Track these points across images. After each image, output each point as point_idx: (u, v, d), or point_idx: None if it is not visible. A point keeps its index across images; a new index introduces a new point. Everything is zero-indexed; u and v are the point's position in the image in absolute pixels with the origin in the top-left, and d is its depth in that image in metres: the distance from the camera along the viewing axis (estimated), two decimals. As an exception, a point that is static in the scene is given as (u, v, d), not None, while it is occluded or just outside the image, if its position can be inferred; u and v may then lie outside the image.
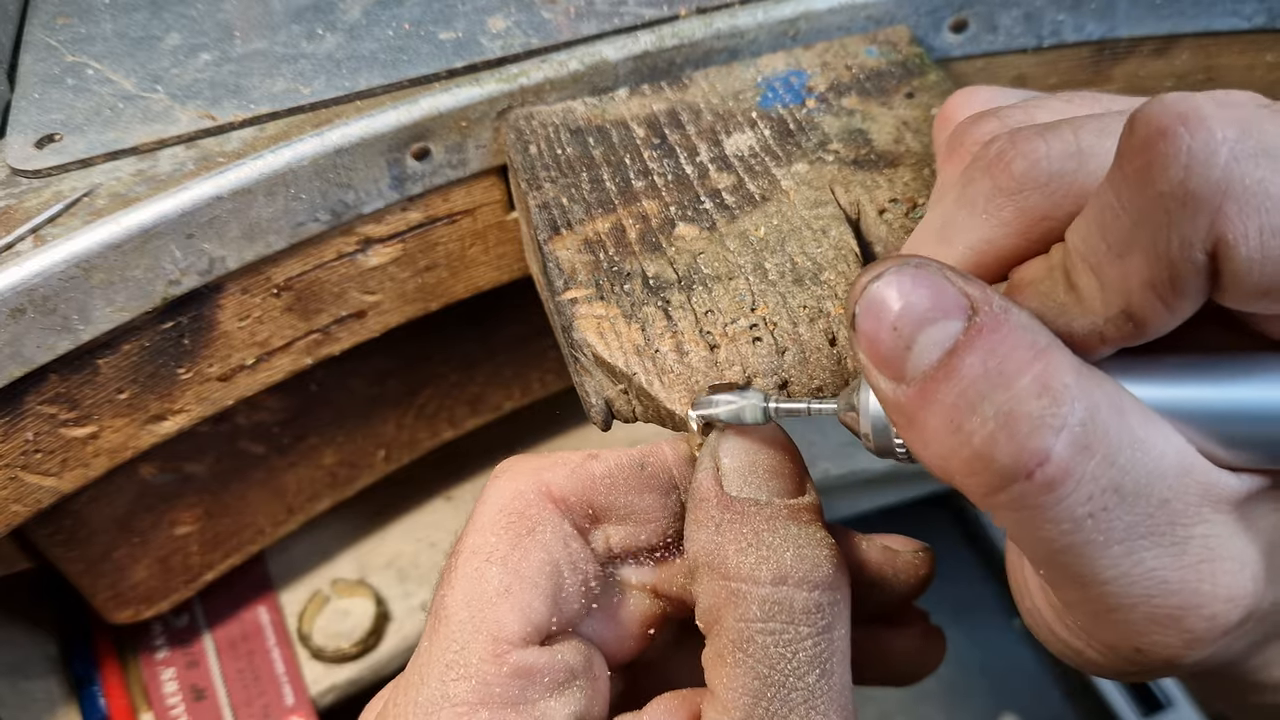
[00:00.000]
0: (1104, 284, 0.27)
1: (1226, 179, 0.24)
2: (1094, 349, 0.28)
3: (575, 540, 0.36)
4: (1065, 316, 0.28)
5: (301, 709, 0.69)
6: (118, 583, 0.64)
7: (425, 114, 0.51)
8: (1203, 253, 0.24)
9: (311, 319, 0.55)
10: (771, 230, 0.44)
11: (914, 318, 0.27)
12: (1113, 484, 0.26)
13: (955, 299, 0.27)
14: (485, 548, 0.34)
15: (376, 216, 0.53)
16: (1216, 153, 0.24)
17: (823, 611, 0.31)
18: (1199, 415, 0.28)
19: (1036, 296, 0.29)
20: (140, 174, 0.49)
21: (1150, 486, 0.27)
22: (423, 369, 0.70)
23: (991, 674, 1.02)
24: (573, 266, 0.44)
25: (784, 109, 0.51)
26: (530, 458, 0.37)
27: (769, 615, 0.31)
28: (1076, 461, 0.26)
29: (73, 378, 0.49)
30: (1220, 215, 0.24)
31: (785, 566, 0.32)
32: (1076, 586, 0.28)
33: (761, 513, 0.33)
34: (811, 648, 0.31)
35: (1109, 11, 0.57)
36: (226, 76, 0.54)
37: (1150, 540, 0.27)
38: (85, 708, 0.68)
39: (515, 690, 0.32)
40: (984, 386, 0.26)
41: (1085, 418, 0.26)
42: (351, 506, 0.73)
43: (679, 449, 0.37)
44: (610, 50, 0.53)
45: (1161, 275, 0.25)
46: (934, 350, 0.27)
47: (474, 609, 0.33)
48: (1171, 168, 0.24)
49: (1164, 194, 0.24)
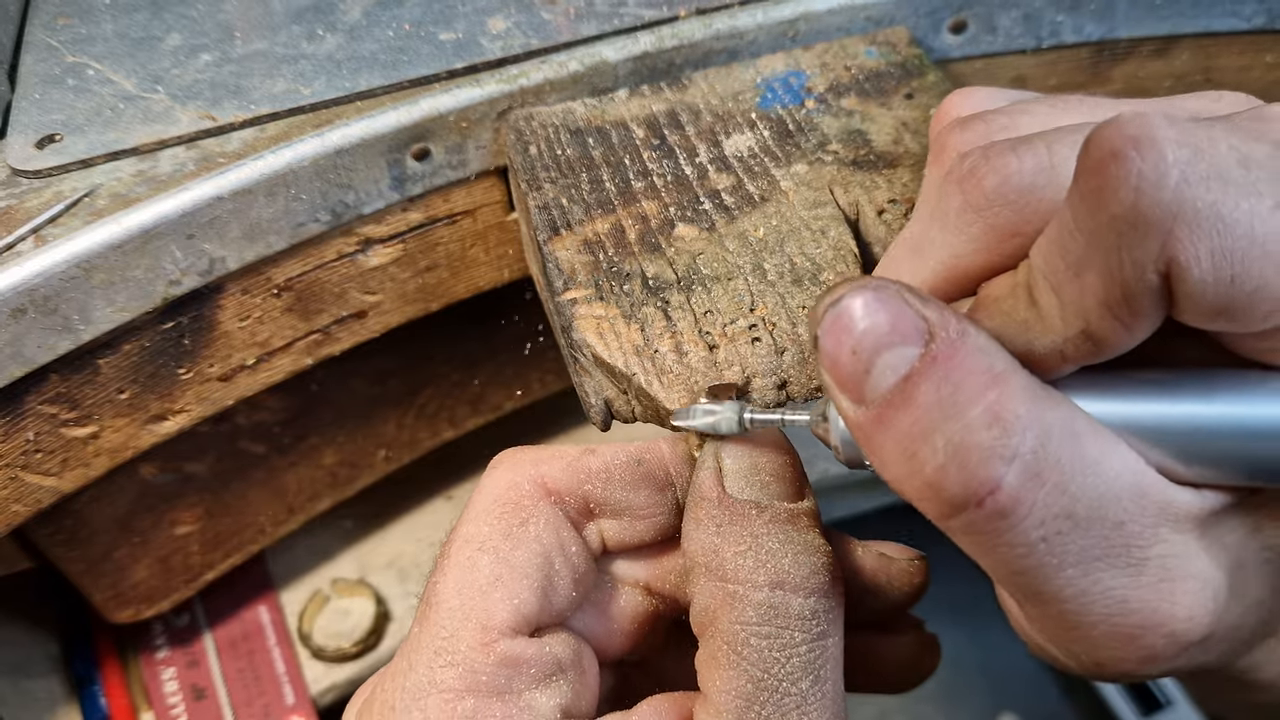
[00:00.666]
0: (1063, 303, 0.27)
1: (1177, 202, 0.24)
2: (1055, 368, 0.28)
3: (568, 532, 0.36)
4: (1027, 335, 0.28)
5: (302, 708, 0.69)
6: (118, 582, 0.64)
7: (425, 115, 0.51)
8: (1155, 274, 0.25)
9: (312, 319, 0.55)
10: (771, 231, 0.45)
11: (872, 341, 0.27)
12: (1065, 510, 0.26)
13: (913, 322, 0.27)
14: (478, 536, 0.35)
15: (377, 217, 0.53)
16: (1167, 175, 0.24)
17: (818, 618, 0.32)
18: (1157, 432, 0.28)
19: (999, 314, 0.29)
20: (141, 174, 0.49)
21: (1104, 509, 0.27)
22: (423, 369, 0.70)
23: (991, 674, 1.02)
24: (572, 267, 0.44)
25: (783, 110, 0.51)
26: (528, 449, 0.37)
27: (764, 619, 0.31)
28: (1027, 490, 0.26)
29: (73, 378, 0.49)
30: (1171, 238, 0.24)
31: (783, 571, 0.32)
32: (1036, 604, 0.29)
33: (762, 516, 0.33)
34: (805, 653, 0.31)
35: (1108, 12, 0.57)
36: (227, 77, 0.54)
37: (1106, 562, 0.27)
38: (86, 707, 0.68)
39: (502, 679, 0.32)
40: (936, 415, 0.26)
41: (1036, 446, 0.26)
42: (352, 506, 0.73)
43: (677, 448, 0.37)
44: (610, 51, 0.53)
45: (1115, 295, 0.25)
46: (890, 375, 0.27)
47: (464, 597, 0.33)
48: (1122, 190, 0.24)
49: (1115, 216, 0.25)
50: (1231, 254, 0.24)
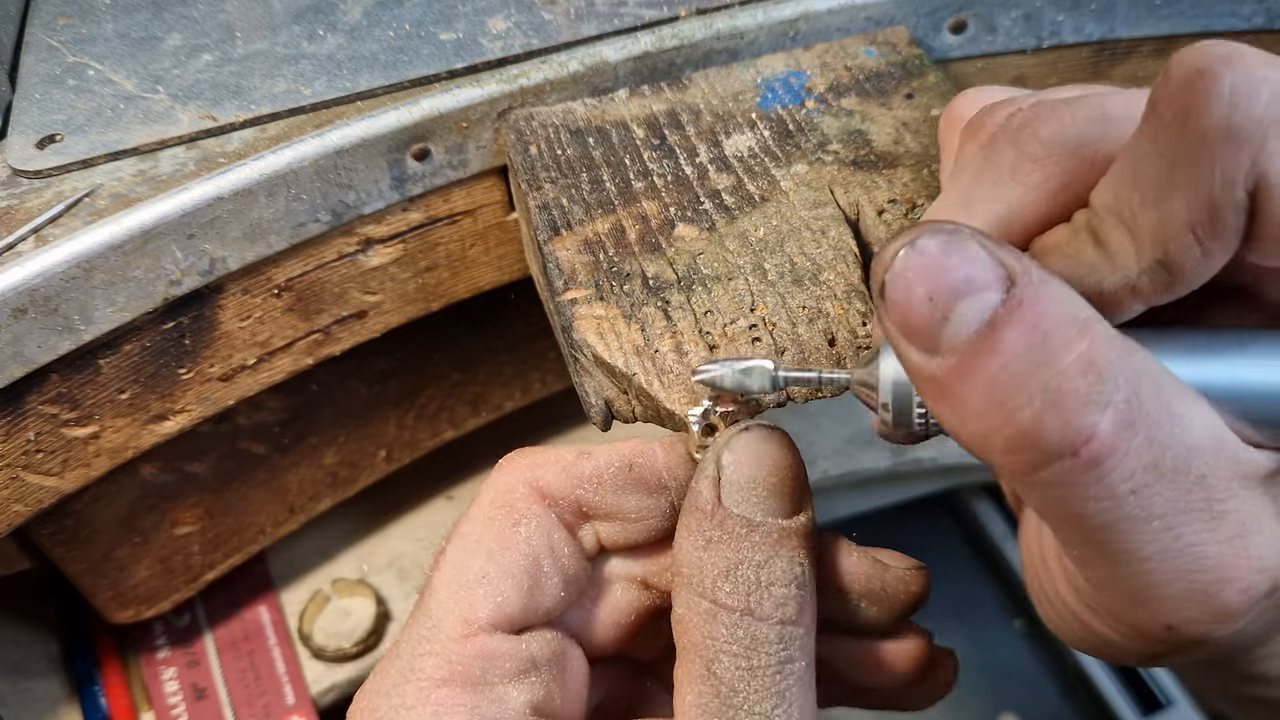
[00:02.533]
0: (1137, 235, 0.27)
1: (1271, 116, 0.24)
2: (1125, 305, 0.28)
3: (560, 535, 0.36)
4: (1095, 275, 0.28)
5: (302, 708, 0.69)
6: (119, 582, 0.64)
7: (426, 115, 0.51)
8: (1244, 190, 0.25)
9: (312, 319, 0.55)
10: (771, 231, 0.45)
11: (950, 287, 0.26)
12: (1154, 460, 0.26)
13: (992, 268, 0.26)
14: (472, 535, 0.36)
15: (377, 217, 0.53)
16: (1259, 90, 0.24)
17: (785, 643, 0.32)
18: (1229, 392, 0.28)
19: (1062, 259, 0.28)
20: (141, 174, 0.49)
21: (1189, 462, 0.26)
22: (424, 369, 0.70)
23: (991, 674, 1.02)
24: (573, 267, 0.44)
25: (783, 110, 0.51)
26: (528, 452, 0.38)
27: (734, 639, 0.31)
28: (1121, 438, 0.25)
29: (74, 378, 0.49)
30: (1264, 152, 0.24)
31: (758, 598, 0.32)
32: (1111, 564, 0.28)
33: (751, 535, 0.33)
34: (771, 675, 0.31)
35: (1108, 12, 0.57)
36: (227, 77, 0.54)
37: (1189, 515, 0.26)
38: (86, 707, 0.68)
39: (476, 671, 0.33)
40: (1028, 362, 0.25)
41: (1129, 395, 0.25)
42: (352, 506, 0.73)
43: (673, 450, 0.37)
44: (610, 51, 0.53)
45: (1201, 216, 0.25)
46: (972, 322, 0.26)
47: (452, 589, 0.34)
48: (1215, 104, 0.24)
49: (1207, 130, 0.24)
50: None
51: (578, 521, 0.37)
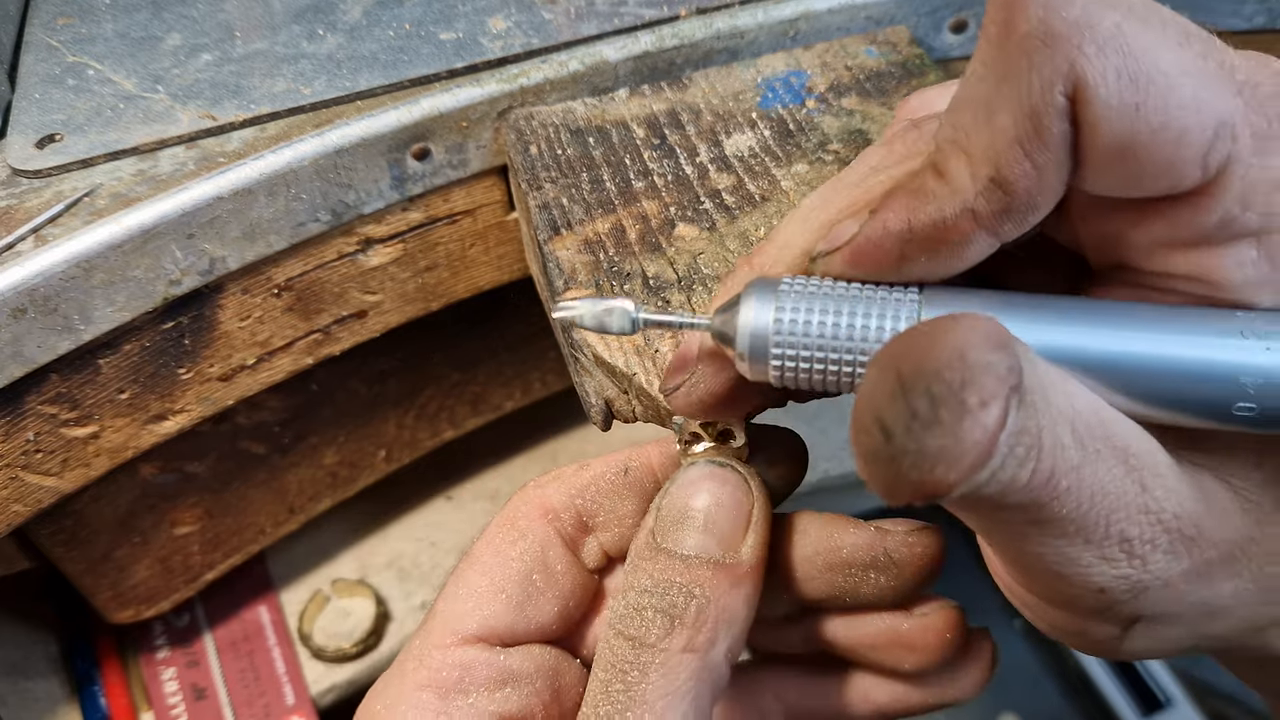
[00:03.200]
0: (972, 156, 0.27)
1: (1085, 18, 0.24)
2: (968, 233, 0.28)
3: (556, 550, 0.37)
4: (935, 203, 0.28)
5: (302, 708, 0.69)
6: (119, 582, 0.64)
7: (426, 114, 0.51)
8: (1063, 95, 0.25)
9: (312, 319, 0.55)
10: (771, 230, 0.44)
11: None
12: (1070, 464, 0.26)
13: None
14: (475, 554, 0.37)
15: (377, 216, 0.53)
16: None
17: (639, 666, 0.32)
18: (1092, 366, 0.27)
19: (905, 195, 0.28)
20: (141, 174, 0.49)
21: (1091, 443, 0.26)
22: (423, 369, 0.70)
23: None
24: (573, 266, 0.44)
25: (784, 109, 0.51)
26: (544, 474, 0.39)
27: (606, 646, 0.33)
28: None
29: (74, 377, 0.49)
30: (1080, 55, 0.24)
31: (625, 617, 0.33)
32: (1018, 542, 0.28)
33: (656, 561, 0.33)
34: (620, 692, 0.32)
35: (1109, 12, 0.57)
36: (227, 77, 0.54)
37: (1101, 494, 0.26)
38: (86, 707, 0.68)
39: (453, 678, 0.35)
40: None
41: None
42: (352, 506, 0.73)
43: (667, 451, 0.37)
44: (610, 51, 0.53)
45: (1025, 126, 0.25)
46: None
47: (447, 602, 0.36)
48: (1031, 7, 0.25)
49: (1024, 35, 0.25)
50: (1136, 78, 0.24)
51: (580, 535, 0.38)
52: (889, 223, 0.28)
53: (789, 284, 0.29)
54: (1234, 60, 0.25)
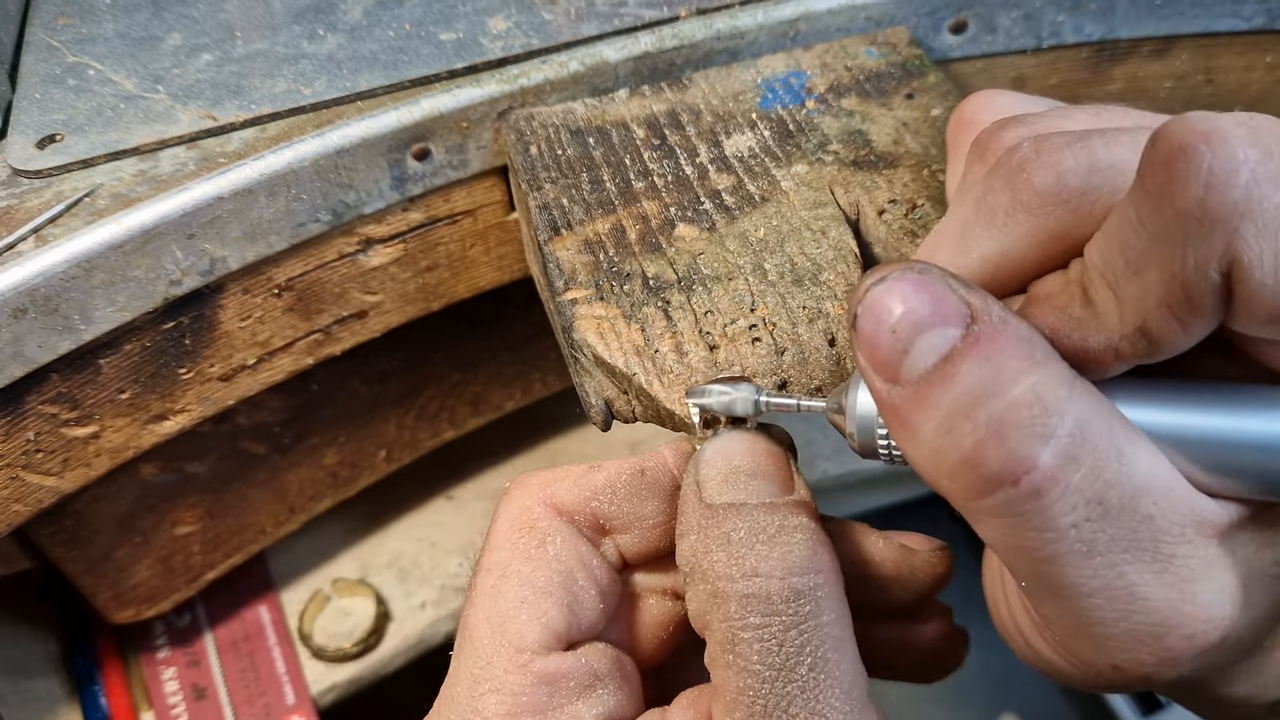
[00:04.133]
0: (1121, 301, 0.27)
1: (1246, 200, 0.24)
2: (1108, 365, 0.28)
3: (587, 546, 0.36)
4: (1081, 331, 0.28)
5: (302, 708, 0.69)
6: (119, 582, 0.64)
7: (426, 114, 0.51)
8: (1217, 273, 0.24)
9: (313, 319, 0.55)
10: (771, 231, 0.45)
11: (913, 322, 0.27)
12: (1098, 496, 0.26)
13: (955, 306, 0.27)
14: (499, 564, 0.35)
15: (377, 217, 0.53)
16: (1237, 173, 0.24)
17: (803, 598, 0.31)
18: (1184, 440, 0.28)
19: (1053, 311, 0.29)
20: (142, 174, 0.49)
21: (1135, 502, 0.27)
22: (424, 369, 0.70)
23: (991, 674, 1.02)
24: (573, 267, 0.44)
25: (784, 110, 0.51)
26: (537, 473, 0.38)
27: (749, 610, 0.31)
28: (1063, 471, 0.26)
29: (74, 377, 0.49)
30: (1236, 236, 0.24)
31: (755, 560, 0.31)
32: (1057, 600, 0.28)
33: (737, 514, 0.33)
34: (796, 638, 0.30)
35: (1108, 12, 0.57)
36: (228, 77, 0.54)
37: (1133, 555, 0.27)
38: (86, 707, 0.68)
39: (542, 697, 0.32)
40: (978, 392, 0.26)
41: (1074, 430, 0.26)
42: (352, 506, 0.73)
43: (680, 450, 0.37)
44: (610, 51, 0.53)
45: (1176, 294, 0.25)
46: (930, 355, 0.27)
47: (494, 624, 0.34)
48: (1191, 185, 0.24)
49: (1182, 211, 0.24)
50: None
51: (597, 537, 0.37)
52: None
53: None
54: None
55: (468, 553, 0.77)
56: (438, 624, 0.74)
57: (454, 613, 0.74)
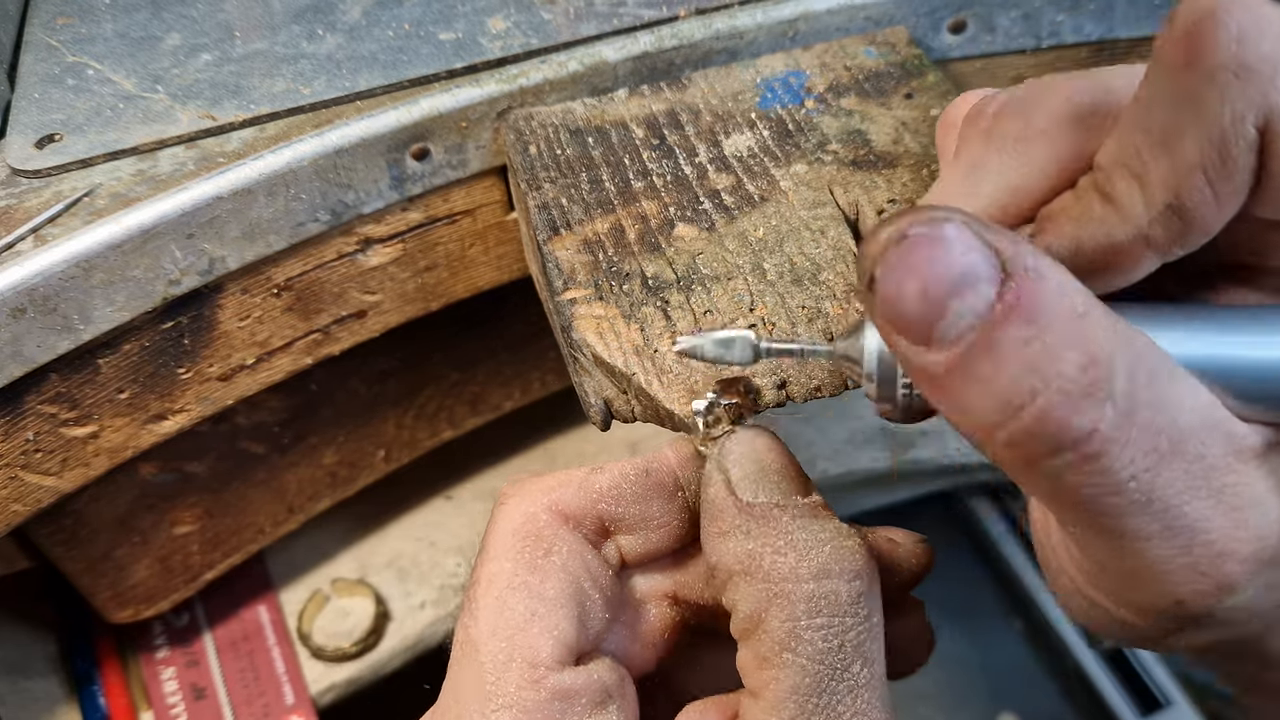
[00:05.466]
0: (1147, 182, 0.27)
1: (1279, 53, 0.24)
2: (1139, 258, 0.27)
3: (592, 555, 0.36)
4: (1106, 228, 0.27)
5: (301, 708, 0.69)
6: (118, 582, 0.64)
7: (425, 114, 0.51)
8: (1254, 126, 0.25)
9: (311, 319, 0.55)
10: (770, 231, 0.45)
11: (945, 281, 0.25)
12: (1153, 446, 0.26)
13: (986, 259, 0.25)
14: (504, 574, 0.34)
15: (376, 216, 0.53)
16: (1267, 28, 0.24)
17: (863, 600, 0.31)
18: (1221, 369, 0.28)
19: (1069, 221, 0.28)
20: (140, 174, 0.49)
21: (1185, 443, 0.26)
22: (423, 369, 0.70)
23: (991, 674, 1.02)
24: (572, 267, 0.44)
25: (783, 110, 0.51)
26: (534, 478, 0.37)
27: (816, 611, 0.31)
28: (1121, 429, 0.25)
29: (73, 377, 0.49)
30: (1273, 88, 0.24)
31: (825, 561, 0.31)
32: (1113, 546, 0.28)
33: (786, 513, 0.32)
34: (856, 638, 0.31)
35: (1107, 12, 0.57)
36: (227, 77, 0.54)
37: (1189, 494, 0.27)
38: (85, 706, 0.68)
39: (556, 714, 0.32)
40: (1027, 359, 0.25)
41: (1127, 386, 0.25)
42: (351, 506, 0.73)
43: (681, 450, 0.37)
44: (610, 51, 0.53)
45: (1211, 156, 0.25)
46: (968, 317, 0.25)
47: (503, 637, 0.33)
48: (1223, 42, 0.25)
49: (1216, 68, 0.25)
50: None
51: (600, 539, 0.37)
52: (1053, 247, 0.28)
53: None
54: None
55: (466, 552, 0.77)
56: (437, 624, 0.74)
57: (453, 613, 0.74)
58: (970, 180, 0.32)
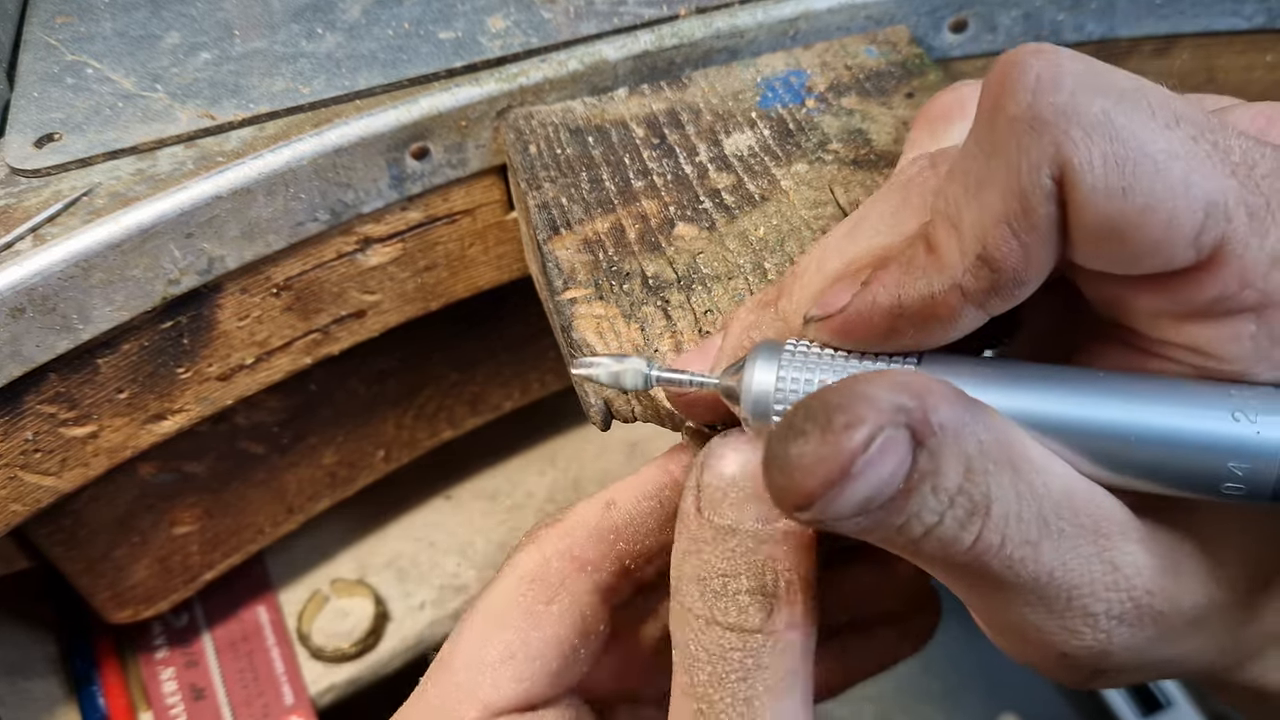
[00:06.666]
0: (961, 232, 0.27)
1: (1072, 104, 0.25)
2: (956, 310, 0.27)
3: (592, 605, 0.36)
4: (925, 278, 0.28)
5: (301, 709, 0.69)
6: (117, 582, 0.64)
7: (425, 113, 0.51)
8: (1050, 178, 0.25)
9: (311, 319, 0.55)
10: (771, 230, 0.44)
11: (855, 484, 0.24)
12: (1025, 537, 0.26)
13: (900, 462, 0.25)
14: (498, 611, 0.35)
15: (376, 216, 0.53)
16: (1063, 79, 0.25)
17: (748, 652, 0.31)
18: (1082, 438, 0.28)
19: (896, 268, 0.28)
20: (140, 173, 0.49)
21: (1057, 526, 0.27)
22: (422, 369, 0.70)
23: (991, 674, 1.02)
24: (572, 266, 0.44)
25: (783, 109, 0.51)
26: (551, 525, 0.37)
27: (701, 646, 0.31)
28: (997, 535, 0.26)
29: (72, 377, 0.49)
30: (1066, 138, 0.25)
31: (720, 607, 0.31)
32: (994, 609, 0.29)
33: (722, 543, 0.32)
34: (735, 683, 0.30)
35: (1108, 11, 0.57)
36: (226, 76, 0.54)
37: (1065, 568, 0.27)
38: (85, 707, 0.68)
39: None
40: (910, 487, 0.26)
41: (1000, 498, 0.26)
42: (351, 506, 0.73)
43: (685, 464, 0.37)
44: (610, 50, 0.53)
45: (1013, 206, 0.25)
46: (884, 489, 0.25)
47: (473, 671, 0.34)
48: (1019, 92, 0.25)
49: (1013, 119, 0.25)
50: (1123, 162, 0.24)
51: (619, 581, 0.36)
52: (879, 297, 0.28)
53: (793, 348, 0.30)
54: (1229, 141, 0.25)
55: (466, 553, 0.77)
56: (436, 624, 0.74)
57: (453, 613, 0.74)
58: (851, 235, 0.32)
